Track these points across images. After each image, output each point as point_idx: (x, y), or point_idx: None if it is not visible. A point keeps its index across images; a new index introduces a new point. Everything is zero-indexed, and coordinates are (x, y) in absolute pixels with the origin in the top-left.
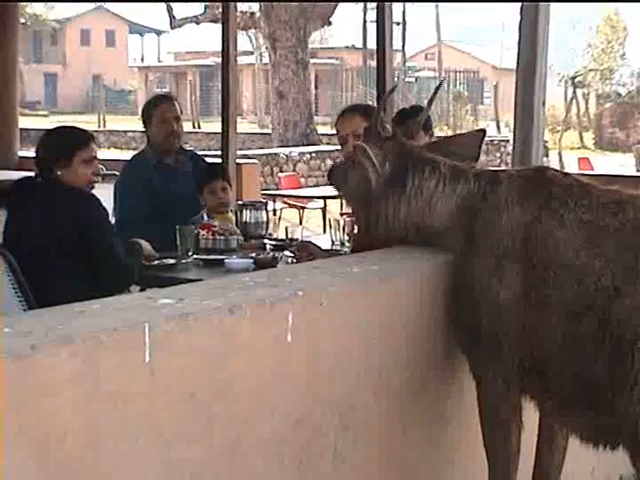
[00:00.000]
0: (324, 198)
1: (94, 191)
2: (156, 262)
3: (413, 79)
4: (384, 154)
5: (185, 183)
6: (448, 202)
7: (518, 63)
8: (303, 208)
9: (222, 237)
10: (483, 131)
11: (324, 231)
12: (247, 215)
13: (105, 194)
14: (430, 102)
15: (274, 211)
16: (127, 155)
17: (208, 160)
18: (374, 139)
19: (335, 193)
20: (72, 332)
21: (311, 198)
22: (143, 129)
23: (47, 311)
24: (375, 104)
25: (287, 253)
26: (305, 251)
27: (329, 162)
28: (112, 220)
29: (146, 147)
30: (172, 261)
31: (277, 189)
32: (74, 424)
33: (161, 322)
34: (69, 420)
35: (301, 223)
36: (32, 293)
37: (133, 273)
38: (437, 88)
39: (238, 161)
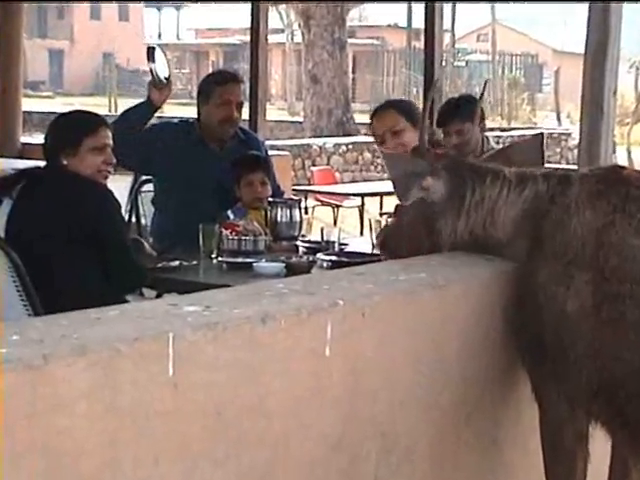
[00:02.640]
0: (362, 195)
1: (108, 183)
2: (164, 264)
3: (463, 63)
4: (439, 172)
5: (226, 172)
6: (513, 208)
7: (587, 46)
8: (338, 206)
9: (249, 238)
10: (541, 135)
11: (361, 233)
12: (279, 214)
13: (120, 186)
14: (480, 97)
15: (305, 209)
16: None
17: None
18: (423, 156)
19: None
20: (88, 341)
21: (347, 195)
22: (196, 105)
23: (60, 317)
24: (420, 91)
25: (322, 257)
26: None
27: (367, 155)
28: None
29: (194, 121)
30: (177, 263)
31: (309, 184)
32: (89, 442)
33: (186, 332)
34: (84, 438)
35: (335, 223)
36: (37, 287)
37: (145, 274)
38: (484, 87)
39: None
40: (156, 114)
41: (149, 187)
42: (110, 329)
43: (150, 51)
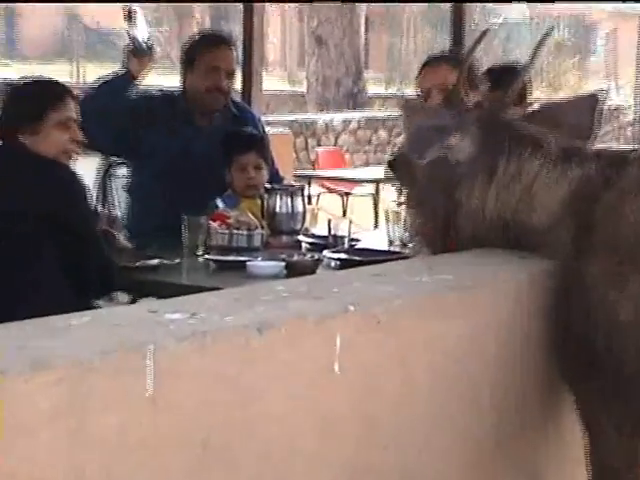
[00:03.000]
0: (376, 182)
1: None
2: (140, 262)
3: (497, 23)
4: (469, 127)
5: (214, 151)
6: (556, 190)
7: None
8: (347, 194)
9: (242, 231)
10: (595, 97)
11: (375, 225)
12: (277, 203)
13: (85, 169)
14: (532, 59)
15: (309, 198)
16: None
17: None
18: (457, 106)
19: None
20: (51, 353)
21: (359, 181)
22: (180, 74)
23: (16, 326)
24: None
25: (329, 254)
26: None
27: (383, 133)
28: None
29: (177, 92)
30: (156, 261)
31: (313, 168)
32: (55, 472)
33: (169, 343)
34: (48, 467)
35: (345, 214)
36: None
37: (119, 273)
38: (543, 38)
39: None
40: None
41: (122, 171)
42: (78, 339)
43: (130, 14)
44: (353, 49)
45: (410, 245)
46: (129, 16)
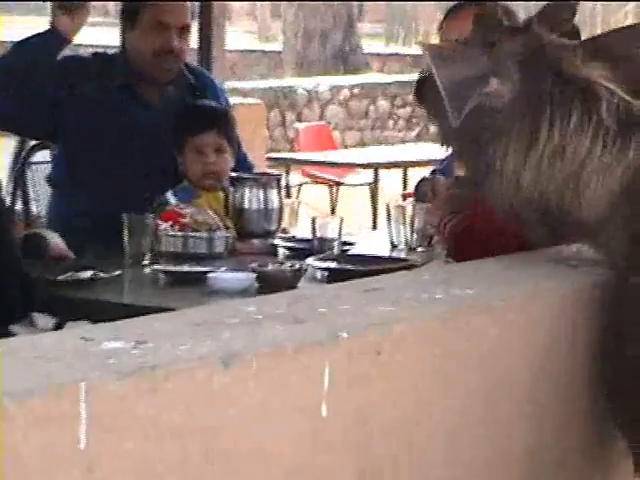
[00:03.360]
0: (374, 167)
1: None
2: (68, 275)
3: None
4: (507, 63)
5: (163, 131)
6: (610, 176)
7: None
8: (338, 184)
9: (200, 234)
10: None
11: (374, 225)
12: (247, 197)
13: None
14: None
15: (287, 189)
16: None
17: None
18: (492, 31)
19: (395, 158)
20: None
21: (352, 167)
22: (120, 31)
23: None
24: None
25: (315, 263)
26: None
27: (383, 103)
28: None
29: (116, 56)
30: (88, 274)
31: (292, 150)
32: None
33: (108, 381)
34: None
35: (334, 211)
36: None
37: (34, 288)
38: None
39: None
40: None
41: (42, 156)
42: None
43: None
44: None
45: (420, 250)
46: None
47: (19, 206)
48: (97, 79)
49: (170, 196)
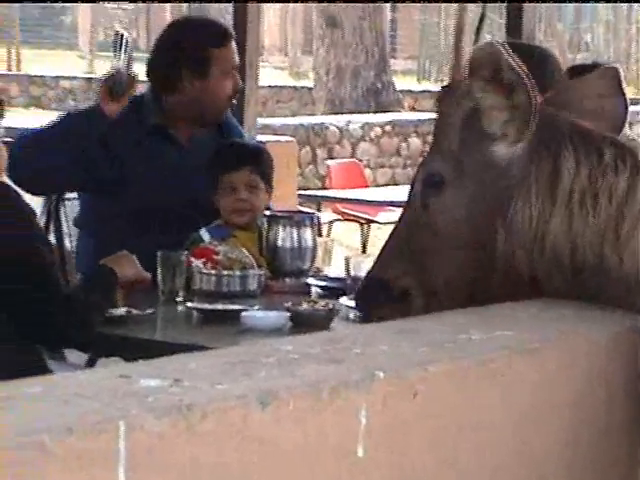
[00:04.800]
0: None
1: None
2: (122, 310)
3: None
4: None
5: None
6: None
7: None
8: (369, 222)
9: (234, 272)
10: (615, 70)
11: None
12: (279, 235)
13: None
14: None
15: (319, 227)
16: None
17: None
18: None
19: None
20: None
21: (383, 205)
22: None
23: None
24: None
25: (348, 303)
26: None
27: (415, 141)
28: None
29: (145, 97)
30: (121, 311)
31: (323, 187)
32: None
33: (146, 420)
34: None
35: (365, 249)
36: None
37: (91, 318)
38: None
39: (260, 138)
40: None
41: (76, 193)
42: (28, 415)
43: (119, 40)
44: (376, 32)
45: None
46: (118, 41)
47: (52, 241)
48: (129, 124)
49: (204, 233)
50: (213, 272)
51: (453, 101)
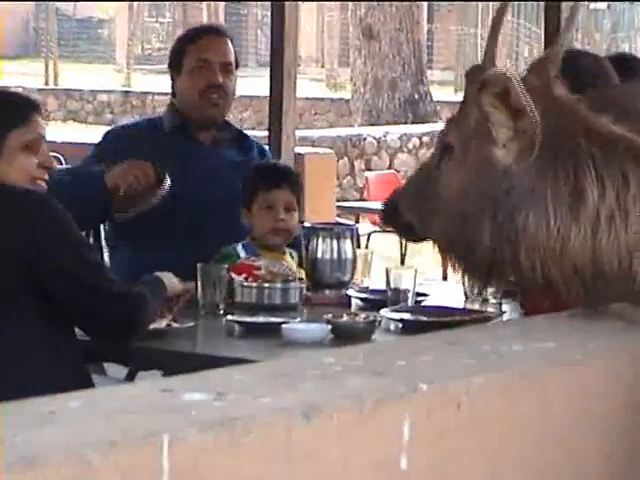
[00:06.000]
0: None
1: None
2: (163, 323)
3: (604, 6)
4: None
5: (225, 179)
6: None
7: None
8: None
9: (275, 284)
10: None
11: (445, 276)
12: (319, 247)
13: None
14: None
15: (358, 239)
16: (99, 135)
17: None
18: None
19: None
20: (38, 448)
21: None
22: (170, 83)
23: None
24: (536, 50)
25: (389, 314)
26: None
27: None
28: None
29: (163, 113)
30: (162, 324)
31: (361, 199)
32: None
33: (189, 433)
34: None
35: (403, 260)
36: None
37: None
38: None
39: (298, 149)
40: None
41: None
42: (72, 429)
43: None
44: (413, 43)
45: (493, 301)
46: (158, 176)
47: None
48: (149, 135)
49: (240, 249)
50: (254, 284)
51: (476, 87)
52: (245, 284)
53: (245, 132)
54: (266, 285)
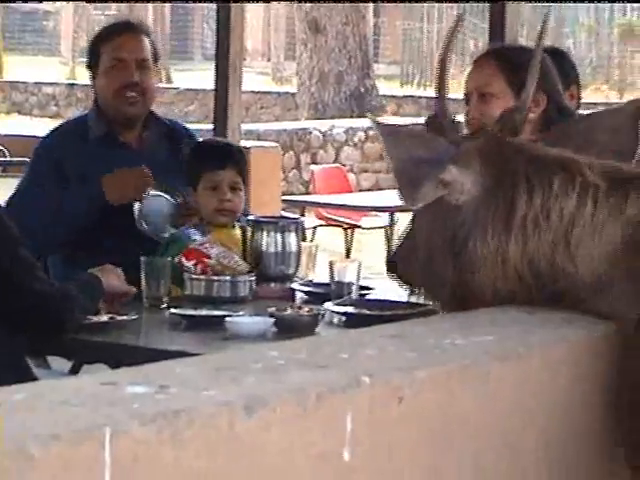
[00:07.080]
0: (391, 211)
1: None
2: (105, 317)
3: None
4: (470, 158)
5: (154, 180)
6: (607, 234)
7: None
8: (353, 227)
9: (224, 277)
10: (636, 105)
11: None
12: (264, 240)
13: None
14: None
15: (303, 233)
16: (44, 127)
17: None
18: (443, 132)
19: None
20: None
21: (367, 210)
22: (90, 81)
23: None
24: (482, 44)
25: (333, 308)
26: None
27: None
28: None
29: (89, 112)
30: (104, 317)
31: (307, 193)
32: None
33: (132, 426)
34: None
35: (349, 254)
36: None
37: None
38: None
39: (244, 143)
40: None
41: None
42: (13, 423)
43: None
44: (359, 37)
45: None
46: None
47: None
48: (76, 139)
49: (194, 232)
50: (203, 277)
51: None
52: (194, 277)
53: (175, 121)
54: (215, 278)
